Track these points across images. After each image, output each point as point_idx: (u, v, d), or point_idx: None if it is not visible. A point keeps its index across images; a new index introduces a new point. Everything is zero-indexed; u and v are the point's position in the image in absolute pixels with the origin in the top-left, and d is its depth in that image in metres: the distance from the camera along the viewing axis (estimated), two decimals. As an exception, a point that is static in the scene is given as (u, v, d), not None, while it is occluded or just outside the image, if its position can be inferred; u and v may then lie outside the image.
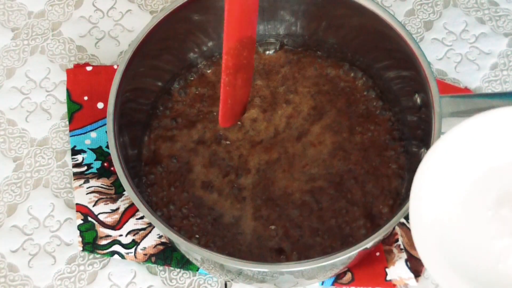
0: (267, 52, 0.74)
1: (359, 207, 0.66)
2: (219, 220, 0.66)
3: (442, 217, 0.53)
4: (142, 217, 0.70)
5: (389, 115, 0.70)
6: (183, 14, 0.67)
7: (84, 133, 0.73)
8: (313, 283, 0.67)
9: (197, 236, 0.66)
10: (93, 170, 0.72)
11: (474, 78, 0.76)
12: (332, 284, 0.67)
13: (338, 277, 0.67)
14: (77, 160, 0.72)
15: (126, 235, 0.69)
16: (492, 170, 0.53)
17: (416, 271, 0.67)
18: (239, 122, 0.70)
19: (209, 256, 0.58)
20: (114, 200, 0.71)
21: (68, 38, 0.79)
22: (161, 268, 0.69)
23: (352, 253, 0.57)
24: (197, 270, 0.68)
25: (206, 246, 0.65)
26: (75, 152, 0.73)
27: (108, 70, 0.76)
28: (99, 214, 0.70)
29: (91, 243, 0.69)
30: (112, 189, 0.71)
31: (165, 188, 0.68)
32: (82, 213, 0.70)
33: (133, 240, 0.69)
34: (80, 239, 0.69)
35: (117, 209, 0.70)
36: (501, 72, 0.77)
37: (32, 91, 0.77)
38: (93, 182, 0.71)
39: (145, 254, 0.69)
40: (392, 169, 0.68)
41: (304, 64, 0.73)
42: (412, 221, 0.53)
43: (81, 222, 0.70)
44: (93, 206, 0.70)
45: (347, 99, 0.71)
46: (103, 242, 0.69)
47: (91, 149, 0.73)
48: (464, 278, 0.51)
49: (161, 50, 0.68)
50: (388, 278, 0.67)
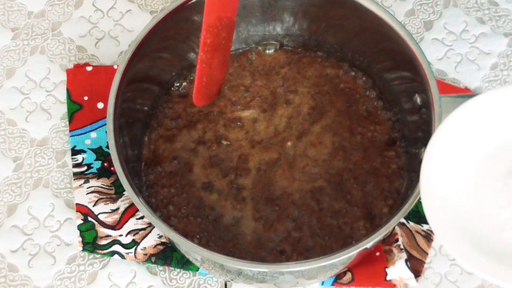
0: (267, 52, 0.74)
1: (359, 207, 0.66)
2: (219, 220, 0.66)
3: (452, 189, 0.54)
4: (142, 217, 0.70)
5: (389, 115, 0.70)
6: (183, 14, 0.67)
7: (84, 133, 0.73)
8: (313, 283, 0.67)
9: (197, 236, 0.66)
10: (93, 170, 0.72)
11: (474, 78, 0.76)
12: (332, 284, 0.67)
13: (338, 277, 0.67)
14: (77, 160, 0.72)
15: (126, 235, 0.69)
16: (504, 143, 0.54)
17: (416, 271, 0.67)
18: (239, 122, 0.70)
19: (209, 256, 0.58)
20: (114, 200, 0.71)
21: (68, 38, 0.79)
22: (161, 268, 0.69)
23: (352, 253, 0.57)
24: (197, 270, 0.68)
25: (206, 246, 0.65)
26: (75, 152, 0.73)
27: (108, 70, 0.76)
28: (99, 214, 0.70)
29: (91, 243, 0.69)
30: (112, 189, 0.71)
31: (165, 188, 0.68)
32: (82, 213, 0.70)
33: (133, 240, 0.69)
34: (80, 239, 0.69)
35: (117, 209, 0.70)
36: (501, 72, 0.77)
37: (32, 91, 0.77)
38: (93, 182, 0.71)
39: (145, 254, 0.68)
40: (392, 169, 0.68)
41: (304, 64, 0.73)
42: (423, 194, 0.53)
43: (81, 222, 0.70)
44: (93, 206, 0.70)
45: (347, 99, 0.71)
46: (103, 242, 0.69)
47: (91, 149, 0.73)
48: (474, 247, 0.52)
49: (161, 50, 0.68)
50: (388, 278, 0.67)
